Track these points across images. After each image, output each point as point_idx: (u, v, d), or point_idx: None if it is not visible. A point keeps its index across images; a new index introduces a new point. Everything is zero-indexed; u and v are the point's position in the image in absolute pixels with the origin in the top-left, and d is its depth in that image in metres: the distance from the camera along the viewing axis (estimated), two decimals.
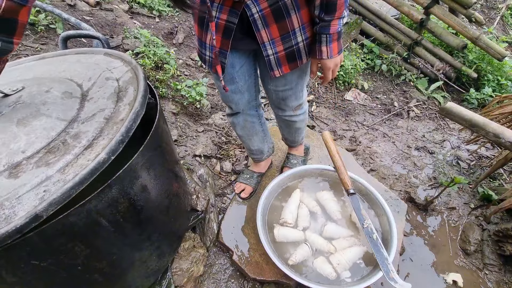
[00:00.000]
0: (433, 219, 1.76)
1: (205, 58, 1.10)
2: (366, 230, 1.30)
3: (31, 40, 2.04)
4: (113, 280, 0.93)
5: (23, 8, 0.67)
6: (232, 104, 1.27)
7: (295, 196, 1.51)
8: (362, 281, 1.22)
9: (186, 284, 1.23)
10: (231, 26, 0.97)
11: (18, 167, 0.68)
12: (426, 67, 2.99)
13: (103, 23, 2.44)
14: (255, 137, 1.45)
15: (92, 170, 0.65)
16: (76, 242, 0.72)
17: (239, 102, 1.26)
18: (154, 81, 2.04)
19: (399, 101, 2.81)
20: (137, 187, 0.82)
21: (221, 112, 2.15)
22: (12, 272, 0.67)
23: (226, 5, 0.94)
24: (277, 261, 1.23)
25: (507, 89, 2.85)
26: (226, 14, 0.96)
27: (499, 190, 1.87)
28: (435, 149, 2.29)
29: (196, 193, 1.43)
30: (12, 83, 0.92)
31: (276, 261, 1.22)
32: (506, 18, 4.56)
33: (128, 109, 0.81)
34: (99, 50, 1.14)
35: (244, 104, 1.28)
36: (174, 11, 3.11)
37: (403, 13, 2.97)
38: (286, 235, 1.36)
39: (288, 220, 1.40)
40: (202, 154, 1.75)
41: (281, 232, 1.36)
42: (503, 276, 1.52)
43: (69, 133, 0.76)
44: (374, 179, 1.82)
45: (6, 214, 0.59)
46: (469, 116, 1.35)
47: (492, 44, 2.57)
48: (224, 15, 0.96)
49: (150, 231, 0.96)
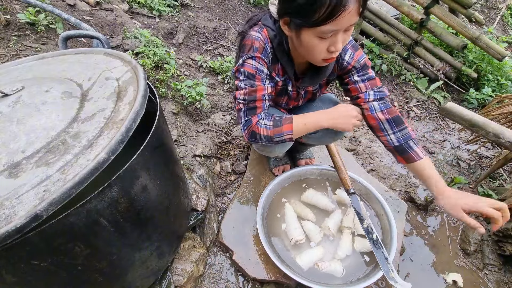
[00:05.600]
0: (433, 219, 1.76)
1: None
2: (366, 230, 1.30)
3: (31, 40, 2.04)
4: (113, 280, 0.92)
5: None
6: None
7: (289, 212, 1.48)
8: (362, 281, 1.22)
9: (186, 284, 1.23)
10: None
11: (18, 166, 0.68)
12: (426, 67, 2.99)
13: (103, 23, 2.44)
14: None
15: (92, 170, 0.65)
16: (76, 242, 0.71)
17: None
18: (154, 81, 2.04)
19: (399, 101, 2.81)
20: (137, 187, 0.82)
21: (221, 112, 2.15)
22: (12, 272, 0.67)
23: None
24: (277, 261, 1.23)
25: (507, 89, 2.85)
26: None
27: (499, 190, 1.87)
28: (435, 149, 2.29)
29: (196, 193, 1.43)
30: (12, 83, 0.92)
31: (276, 261, 1.22)
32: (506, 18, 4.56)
33: (128, 109, 0.81)
34: (99, 50, 1.14)
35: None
36: (174, 11, 3.11)
37: (403, 13, 2.97)
38: (312, 260, 1.31)
39: (298, 237, 1.34)
40: (202, 154, 1.75)
41: (305, 259, 1.30)
42: (503, 276, 1.52)
43: (69, 133, 0.76)
44: (374, 179, 1.82)
45: (6, 214, 0.59)
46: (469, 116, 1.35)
47: (492, 44, 2.57)
48: None
49: (150, 231, 0.96)
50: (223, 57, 2.70)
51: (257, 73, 1.08)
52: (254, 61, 1.07)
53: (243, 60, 1.08)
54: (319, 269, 1.28)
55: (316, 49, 0.97)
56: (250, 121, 1.13)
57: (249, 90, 1.10)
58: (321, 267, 1.28)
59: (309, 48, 0.98)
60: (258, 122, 1.12)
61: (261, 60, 1.07)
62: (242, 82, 1.10)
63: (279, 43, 1.08)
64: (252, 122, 1.13)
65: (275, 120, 1.12)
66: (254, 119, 1.13)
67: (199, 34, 2.96)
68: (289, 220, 1.43)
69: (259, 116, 1.13)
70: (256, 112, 1.13)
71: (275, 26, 1.08)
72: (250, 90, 1.10)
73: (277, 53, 1.11)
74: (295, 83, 1.23)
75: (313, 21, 0.88)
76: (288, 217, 1.45)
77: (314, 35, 0.93)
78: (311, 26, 0.90)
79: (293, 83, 1.22)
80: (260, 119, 1.13)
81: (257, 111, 1.13)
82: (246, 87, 1.10)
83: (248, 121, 1.13)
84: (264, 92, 1.12)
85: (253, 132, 1.13)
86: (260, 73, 1.09)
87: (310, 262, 1.31)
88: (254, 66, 1.07)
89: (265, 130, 1.11)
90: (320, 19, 0.87)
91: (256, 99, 1.11)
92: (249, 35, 1.08)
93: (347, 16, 0.86)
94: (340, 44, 0.97)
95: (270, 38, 1.08)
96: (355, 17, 0.89)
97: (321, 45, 0.96)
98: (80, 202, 0.67)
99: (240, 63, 1.09)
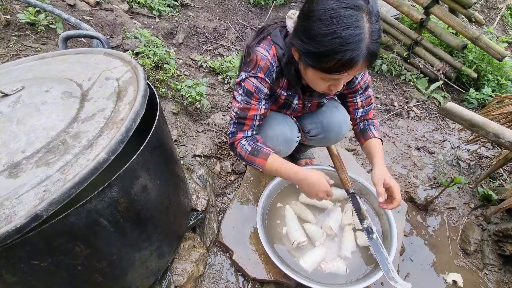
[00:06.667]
0: (433, 219, 1.76)
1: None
2: (366, 230, 1.30)
3: (31, 40, 2.05)
4: (113, 280, 0.92)
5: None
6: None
7: (289, 213, 1.47)
8: (362, 280, 1.22)
9: (186, 284, 1.23)
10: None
11: (18, 166, 0.68)
12: (426, 67, 2.99)
13: (103, 23, 2.44)
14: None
15: (92, 170, 0.65)
16: (76, 242, 0.71)
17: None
18: (154, 81, 2.04)
19: (399, 101, 2.81)
20: (137, 187, 0.82)
21: (221, 112, 2.15)
22: (12, 272, 0.67)
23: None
24: (277, 261, 1.23)
25: (507, 89, 2.85)
26: None
27: (499, 190, 1.87)
28: (435, 149, 2.29)
29: (196, 193, 1.43)
30: (12, 83, 0.92)
31: (276, 261, 1.22)
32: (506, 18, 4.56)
33: (128, 108, 0.81)
34: (99, 50, 1.14)
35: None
36: (174, 11, 3.11)
37: (403, 13, 2.97)
38: (315, 261, 1.31)
39: (301, 239, 1.34)
40: (202, 154, 1.75)
41: (308, 261, 1.30)
42: (503, 276, 1.52)
43: (69, 133, 0.76)
44: None
45: (6, 214, 0.59)
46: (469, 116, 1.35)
47: (492, 44, 2.57)
48: None
49: (150, 231, 0.95)
50: (223, 57, 2.70)
51: (256, 92, 1.11)
52: (256, 80, 1.09)
53: (246, 76, 1.10)
54: (323, 270, 1.28)
55: (318, 85, 1.03)
56: (235, 134, 1.20)
57: (243, 106, 1.14)
58: (324, 269, 1.28)
59: (311, 82, 1.04)
60: (240, 141, 1.20)
61: (263, 81, 1.09)
62: (240, 96, 1.13)
63: (288, 62, 1.08)
64: (236, 136, 1.20)
65: (254, 149, 1.18)
66: (239, 134, 1.20)
67: (199, 34, 2.96)
68: (289, 223, 1.43)
69: (244, 133, 1.20)
70: (243, 128, 1.19)
71: (285, 43, 1.07)
72: (244, 107, 1.14)
73: (284, 71, 1.11)
74: (303, 96, 1.24)
75: (321, 68, 0.91)
76: (289, 219, 1.44)
77: (318, 76, 0.96)
78: (318, 70, 0.93)
79: (300, 96, 1.23)
80: (243, 138, 1.20)
81: (244, 128, 1.19)
82: (241, 103, 1.14)
83: (233, 133, 1.21)
84: (257, 113, 1.16)
85: (233, 144, 1.22)
86: (259, 93, 1.11)
87: (314, 263, 1.30)
88: (255, 85, 1.09)
89: (241, 151, 1.19)
90: (328, 69, 0.90)
91: (247, 117, 1.16)
92: (256, 51, 1.07)
93: (354, 71, 0.90)
94: (341, 87, 1.02)
95: (278, 56, 1.07)
96: (362, 70, 0.94)
97: (323, 84, 1.00)
98: (80, 202, 0.67)
99: (242, 78, 1.11)
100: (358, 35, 0.82)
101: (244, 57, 1.15)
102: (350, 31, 0.81)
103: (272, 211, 1.51)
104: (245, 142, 1.20)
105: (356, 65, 0.86)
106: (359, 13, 0.81)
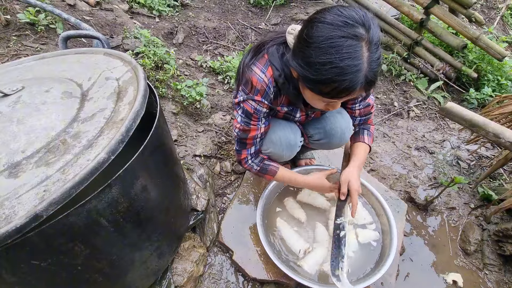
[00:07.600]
0: (433, 219, 1.76)
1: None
2: (336, 226, 1.29)
3: (31, 40, 2.04)
4: (113, 280, 0.92)
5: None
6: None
7: (283, 227, 1.43)
8: (362, 280, 1.22)
9: (186, 284, 1.23)
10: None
11: (18, 166, 0.68)
12: (426, 67, 2.99)
13: (103, 23, 2.44)
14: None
15: (92, 170, 0.65)
16: (76, 242, 0.71)
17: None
18: (154, 81, 2.04)
19: (399, 101, 2.81)
20: (137, 187, 0.82)
21: (221, 112, 2.15)
22: (12, 272, 0.67)
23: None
24: (277, 261, 1.23)
25: (507, 89, 2.84)
26: None
27: (499, 190, 1.87)
28: (435, 149, 2.29)
29: (196, 193, 1.43)
30: (12, 83, 0.92)
31: (276, 261, 1.22)
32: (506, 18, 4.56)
33: (128, 109, 0.81)
34: (99, 50, 1.14)
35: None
36: (174, 11, 3.11)
37: (403, 13, 2.97)
38: (317, 262, 1.31)
39: (305, 247, 1.34)
40: (202, 154, 1.75)
41: (310, 262, 1.30)
42: (503, 276, 1.52)
43: (69, 133, 0.76)
44: (374, 179, 1.82)
45: (6, 214, 0.59)
46: (469, 116, 1.34)
47: (492, 44, 2.57)
48: None
49: (150, 231, 0.96)
50: (223, 57, 2.70)
51: (255, 113, 1.13)
52: (254, 103, 1.10)
53: (244, 98, 1.11)
54: (325, 272, 1.28)
55: (315, 104, 1.05)
56: (240, 152, 1.27)
57: (243, 128, 1.17)
58: (326, 271, 1.27)
59: (309, 101, 1.05)
60: (246, 159, 1.28)
61: (260, 103, 1.10)
62: (239, 117, 1.16)
63: (284, 82, 1.07)
64: (241, 154, 1.27)
65: (262, 168, 1.30)
66: (244, 152, 1.26)
67: (199, 34, 2.96)
68: (286, 235, 1.40)
69: (248, 151, 1.26)
70: (246, 147, 1.25)
71: (282, 62, 1.06)
72: (245, 128, 1.18)
73: (282, 90, 1.11)
74: (305, 109, 1.25)
75: (318, 92, 0.92)
76: (284, 233, 1.41)
77: (316, 97, 0.97)
78: (315, 93, 0.94)
79: (302, 109, 1.25)
80: (248, 156, 1.27)
81: (247, 146, 1.25)
82: (241, 124, 1.17)
83: (238, 151, 1.28)
84: (257, 133, 1.20)
85: (240, 162, 1.31)
86: (258, 113, 1.14)
87: (315, 264, 1.30)
88: (253, 106, 1.11)
89: (251, 169, 1.30)
90: (325, 94, 0.91)
91: (247, 138, 1.21)
92: (253, 72, 1.06)
93: (351, 96, 0.91)
94: (338, 106, 1.06)
95: (275, 78, 1.07)
96: (359, 94, 0.97)
97: (321, 104, 1.02)
98: (80, 202, 0.67)
99: (240, 100, 1.12)
100: (356, 66, 0.81)
101: (241, 74, 1.14)
102: (348, 62, 0.80)
103: (272, 211, 1.51)
104: (252, 162, 1.28)
105: (353, 92, 0.87)
106: (359, 43, 0.80)
